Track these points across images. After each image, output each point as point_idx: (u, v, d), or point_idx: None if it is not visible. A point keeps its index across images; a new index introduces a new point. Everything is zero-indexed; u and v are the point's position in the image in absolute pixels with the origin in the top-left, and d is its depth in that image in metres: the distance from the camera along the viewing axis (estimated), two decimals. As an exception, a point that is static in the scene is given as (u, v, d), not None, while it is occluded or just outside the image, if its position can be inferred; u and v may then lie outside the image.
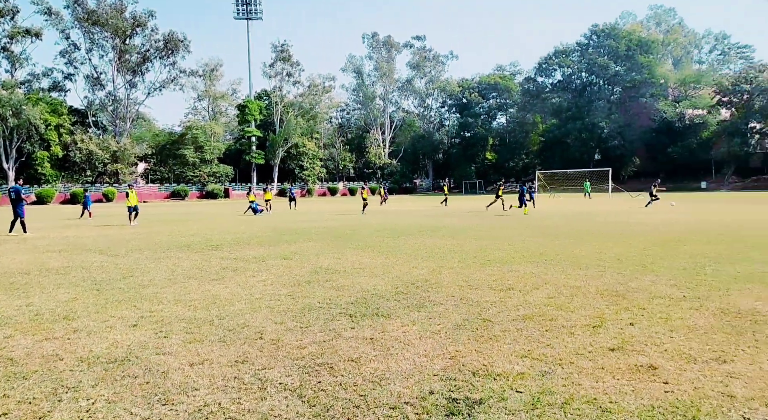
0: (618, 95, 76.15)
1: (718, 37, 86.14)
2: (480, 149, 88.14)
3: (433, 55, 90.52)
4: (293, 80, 75.86)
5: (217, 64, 78.05)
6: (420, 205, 38.78)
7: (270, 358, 4.33)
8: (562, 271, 8.36)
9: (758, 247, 10.73)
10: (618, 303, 6.15)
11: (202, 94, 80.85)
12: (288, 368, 4.09)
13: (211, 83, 77.85)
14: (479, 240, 13.07)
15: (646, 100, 71.71)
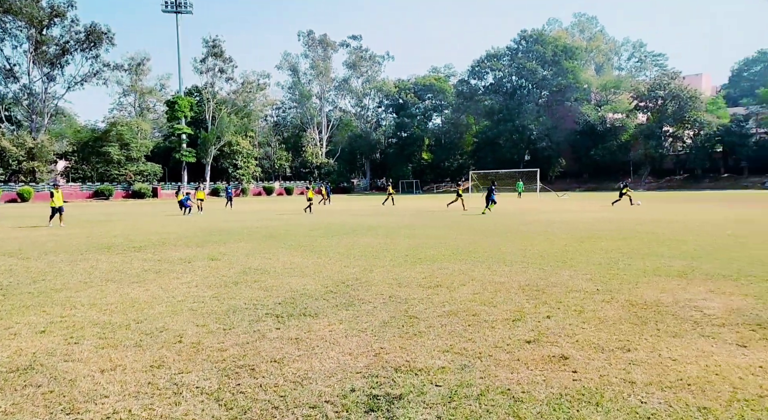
0: (546, 99, 79.51)
1: (636, 45, 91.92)
2: (416, 149, 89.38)
3: (370, 55, 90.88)
4: (226, 76, 73.80)
5: (143, 58, 74.64)
6: (364, 204, 38.84)
7: (188, 361, 4.20)
8: (488, 268, 8.63)
9: (667, 242, 11.54)
10: (537, 297, 6.42)
11: (127, 89, 77.03)
12: (207, 371, 3.97)
13: (138, 78, 74.33)
14: (412, 239, 13.25)
15: (571, 104, 75.33)
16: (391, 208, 31.34)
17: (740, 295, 6.28)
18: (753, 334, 4.74)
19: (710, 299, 6.10)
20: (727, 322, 5.12)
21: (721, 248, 10.41)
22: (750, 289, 6.64)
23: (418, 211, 27.22)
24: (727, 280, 7.19)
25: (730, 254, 9.59)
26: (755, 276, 7.46)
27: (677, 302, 6.00)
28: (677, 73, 69.06)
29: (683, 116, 64.06)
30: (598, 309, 5.77)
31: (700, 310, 5.60)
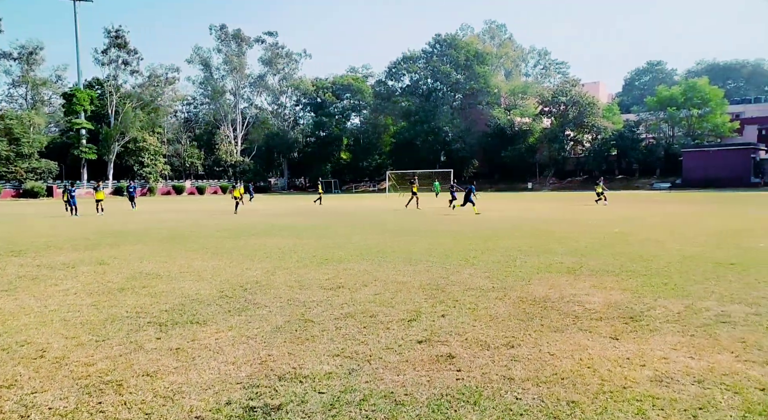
0: (459, 102, 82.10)
1: (541, 53, 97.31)
2: (335, 149, 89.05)
3: (286, 52, 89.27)
4: (131, 69, 69.52)
5: (36, 46, 68.39)
6: (281, 204, 37.92)
7: (46, 379, 3.79)
8: (393, 268, 8.65)
9: (562, 240, 12.20)
10: (436, 296, 6.50)
11: (18, 79, 70.32)
12: (66, 390, 3.60)
13: (30, 68, 68.02)
14: (322, 239, 13.08)
15: (482, 108, 78.33)
16: (311, 207, 30.91)
17: (619, 290, 6.72)
18: (625, 326, 5.06)
19: (592, 294, 6.47)
20: (604, 316, 5.43)
21: (608, 245, 11.17)
22: (628, 283, 7.13)
23: (337, 211, 27.02)
24: (609, 276, 7.68)
25: (615, 250, 10.30)
26: (634, 271, 8.04)
27: (563, 297, 6.30)
28: (577, 80, 73.88)
29: (583, 121, 68.62)
30: (491, 306, 5.93)
31: (582, 305, 5.92)
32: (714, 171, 57.86)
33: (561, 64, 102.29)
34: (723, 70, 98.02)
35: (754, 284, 6.96)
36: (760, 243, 11.11)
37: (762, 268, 8.16)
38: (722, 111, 65.38)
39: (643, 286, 6.95)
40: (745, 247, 10.50)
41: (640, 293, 6.51)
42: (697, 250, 10.28)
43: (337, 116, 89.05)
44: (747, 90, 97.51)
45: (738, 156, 58.90)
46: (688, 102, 64.72)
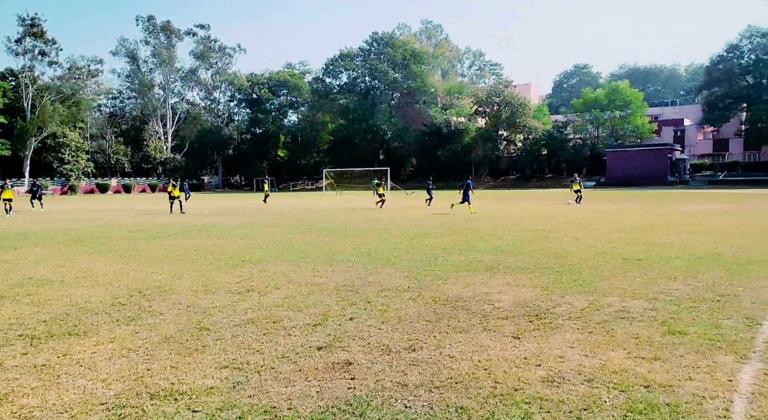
0: (397, 100, 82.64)
1: (476, 54, 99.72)
2: (272, 146, 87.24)
3: (219, 46, 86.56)
4: (49, 60, 65.06)
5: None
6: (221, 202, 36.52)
7: None
8: (312, 269, 8.38)
9: (485, 238, 12.34)
10: (348, 298, 6.29)
11: None
12: None
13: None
14: (244, 239, 12.59)
15: (419, 107, 79.20)
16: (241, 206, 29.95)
17: (530, 287, 6.77)
18: (529, 324, 5.04)
19: (504, 292, 6.48)
20: (511, 315, 5.41)
21: (528, 242, 11.39)
22: (540, 280, 7.22)
23: (268, 210, 26.30)
24: (524, 273, 7.76)
25: (534, 247, 10.50)
26: (548, 268, 8.18)
27: (475, 296, 6.26)
28: (509, 81, 76.17)
29: (515, 121, 70.85)
30: (402, 307, 5.78)
31: (492, 304, 5.89)
32: (634, 170, 61.26)
33: (495, 66, 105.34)
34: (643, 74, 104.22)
35: (656, 279, 7.22)
36: (666, 239, 11.68)
37: (665, 263, 8.52)
38: (642, 113, 69.38)
39: (554, 283, 7.05)
40: (652, 243, 10.99)
41: (550, 290, 6.58)
42: (609, 246, 10.65)
43: (273, 113, 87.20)
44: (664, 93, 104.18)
45: (656, 156, 62.66)
46: (611, 104, 68.20)
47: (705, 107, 67.68)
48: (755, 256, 9.11)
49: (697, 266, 8.23)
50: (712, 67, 65.44)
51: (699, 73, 76.38)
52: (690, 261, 8.72)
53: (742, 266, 8.19)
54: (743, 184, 55.89)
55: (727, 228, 13.82)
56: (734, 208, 21.88)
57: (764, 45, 61.17)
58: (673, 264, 8.48)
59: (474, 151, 75.34)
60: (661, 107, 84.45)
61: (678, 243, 10.98)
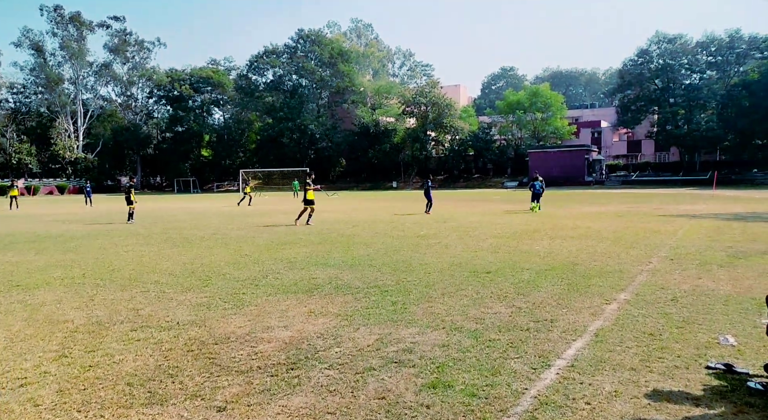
0: (326, 99, 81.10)
1: (406, 54, 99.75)
2: (195, 145, 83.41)
3: (136, 40, 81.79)
4: (-66, 48, 58.76)
5: None
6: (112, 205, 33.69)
7: None
8: (88, 295, 7.02)
9: (351, 247, 11.31)
10: (71, 344, 5.03)
11: None
12: None
13: None
14: (66, 254, 10.87)
15: (348, 106, 78.05)
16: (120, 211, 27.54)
17: (333, 316, 5.75)
18: (265, 382, 3.97)
19: (292, 326, 5.41)
20: (260, 365, 4.34)
21: (393, 251, 10.47)
22: (354, 305, 6.22)
23: (146, 215, 24.26)
24: (345, 294, 6.75)
25: (392, 258, 9.57)
26: (380, 286, 7.21)
27: (248, 334, 5.15)
28: (436, 82, 76.42)
29: (442, 122, 71.07)
30: (127, 359, 4.61)
31: (256, 346, 4.79)
32: (554, 170, 62.84)
33: (426, 67, 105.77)
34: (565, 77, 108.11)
35: (485, 299, 6.43)
36: (536, 246, 11.12)
37: (510, 276, 7.80)
38: (562, 115, 71.45)
39: (367, 308, 6.08)
40: (519, 251, 10.37)
41: (351, 319, 5.60)
42: (472, 255, 9.91)
43: (196, 111, 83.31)
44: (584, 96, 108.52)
45: (574, 156, 64.66)
46: (533, 106, 69.76)
47: (619, 110, 70.59)
48: (608, 266, 8.60)
49: (540, 280, 7.55)
50: (625, 70, 68.24)
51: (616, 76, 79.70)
52: (538, 273, 8.06)
53: (587, 279, 7.59)
54: (653, 184, 58.63)
55: (606, 232, 13.55)
56: (629, 209, 22.16)
57: (671, 50, 64.40)
58: (519, 277, 7.77)
59: (403, 152, 75.09)
60: (580, 109, 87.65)
61: (544, 250, 10.41)
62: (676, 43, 65.14)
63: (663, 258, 9.45)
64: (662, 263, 8.93)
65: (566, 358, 4.42)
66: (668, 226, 14.77)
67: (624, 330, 5.19)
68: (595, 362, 4.29)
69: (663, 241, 11.74)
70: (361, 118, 75.51)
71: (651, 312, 5.85)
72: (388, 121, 77.84)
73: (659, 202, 27.04)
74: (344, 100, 79.11)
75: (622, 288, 7.08)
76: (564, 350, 4.61)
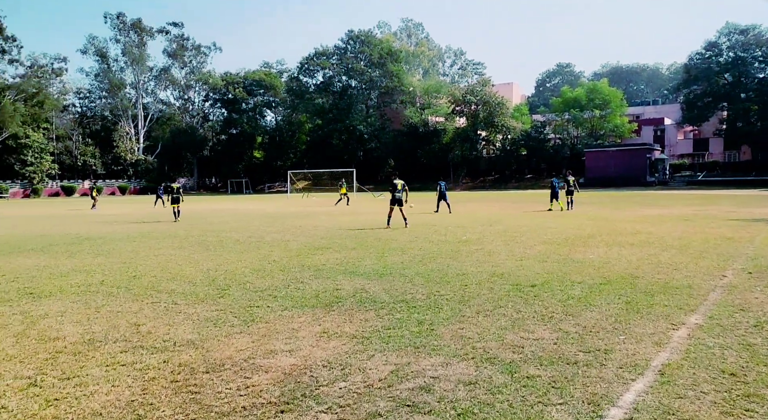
0: (375, 100, 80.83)
1: (457, 52, 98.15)
2: (248, 147, 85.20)
3: (193, 45, 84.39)
4: (9, 58, 62.72)
5: None
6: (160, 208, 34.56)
7: None
8: (95, 308, 6.61)
9: (386, 253, 10.60)
10: (50, 367, 4.55)
11: None
12: None
13: None
14: (96, 257, 10.68)
15: (397, 106, 77.46)
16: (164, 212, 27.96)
17: (348, 337, 5.04)
18: (248, 422, 3.31)
19: (298, 349, 4.74)
20: (248, 404, 3.68)
21: (430, 258, 9.67)
22: (375, 323, 5.49)
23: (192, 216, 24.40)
24: (367, 311, 6.02)
25: (428, 267, 8.78)
26: (409, 301, 6.45)
27: (247, 360, 4.51)
28: (488, 80, 74.58)
29: (493, 121, 69.27)
30: (100, 392, 4.06)
31: (251, 376, 4.14)
32: (614, 170, 59.96)
33: (478, 65, 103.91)
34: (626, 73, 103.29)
35: (525, 320, 5.55)
36: (591, 254, 10.02)
37: (559, 291, 6.85)
38: (622, 112, 68.09)
39: (388, 328, 5.34)
40: (570, 260, 9.32)
41: (368, 343, 4.87)
42: (517, 265, 8.98)
43: (249, 113, 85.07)
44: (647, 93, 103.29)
45: (635, 156, 61.39)
46: (590, 103, 66.83)
47: (684, 106, 66.51)
48: (675, 280, 7.47)
49: (593, 297, 6.56)
50: (691, 65, 64.25)
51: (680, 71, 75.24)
52: (591, 288, 7.06)
53: (650, 297, 6.53)
54: (722, 184, 54.74)
55: (670, 238, 12.20)
56: (696, 212, 20.35)
57: (742, 42, 60.05)
58: (568, 293, 6.81)
59: (452, 152, 73.79)
60: (642, 106, 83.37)
61: (599, 260, 9.32)
62: (748, 34, 60.67)
63: (739, 270, 8.21)
64: (739, 277, 7.71)
65: (623, 406, 3.52)
66: (743, 232, 13.22)
67: (697, 367, 4.21)
68: (660, 414, 3.38)
69: (738, 249, 10.37)
70: (409, 118, 74.78)
71: (730, 342, 4.82)
72: (438, 120, 76.73)
73: (730, 205, 24.85)
74: (393, 100, 78.63)
75: (692, 308, 6.01)
76: (620, 394, 3.71)
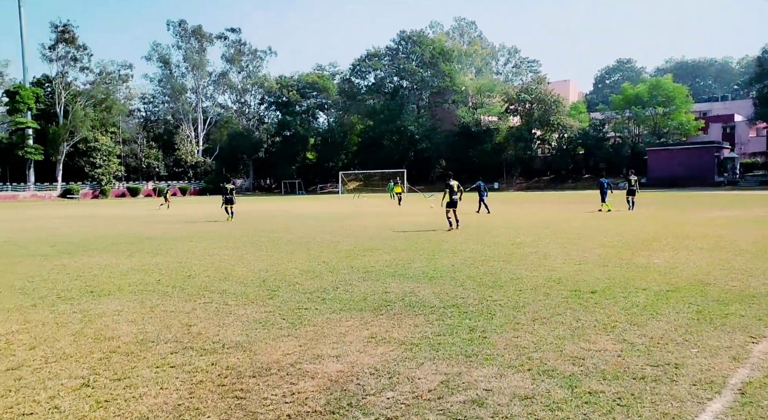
0: (426, 100, 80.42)
1: (511, 50, 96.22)
2: (301, 148, 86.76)
3: (250, 50, 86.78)
4: (80, 66, 66.55)
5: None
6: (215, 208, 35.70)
7: None
8: (150, 307, 6.75)
9: (436, 254, 10.38)
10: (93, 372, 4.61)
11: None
12: None
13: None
14: (155, 256, 11.02)
15: (449, 106, 76.71)
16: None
17: (396, 344, 4.88)
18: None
19: (346, 355, 4.62)
20: (295, 413, 3.58)
21: (482, 261, 9.37)
22: (425, 329, 5.31)
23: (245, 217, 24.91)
24: (416, 315, 5.84)
25: (479, 270, 8.50)
26: (461, 305, 6.22)
27: (292, 365, 4.43)
28: (543, 78, 72.69)
29: (548, 120, 67.39)
30: (144, 394, 4.06)
31: (297, 383, 4.05)
32: (679, 170, 56.99)
33: (533, 63, 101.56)
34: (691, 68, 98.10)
35: (585, 329, 5.21)
36: (656, 258, 9.42)
37: (623, 298, 6.42)
38: (687, 109, 64.63)
39: (439, 334, 5.14)
40: (633, 265, 8.79)
41: (418, 350, 4.69)
42: (576, 269, 8.55)
43: (302, 115, 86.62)
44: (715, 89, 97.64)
45: (702, 155, 58.13)
46: (653, 100, 63.83)
47: (757, 102, 62.28)
48: (751, 288, 6.87)
49: (660, 305, 6.10)
50: (765, 58, 60.13)
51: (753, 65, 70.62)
52: (658, 296, 6.58)
53: (724, 306, 6.01)
54: (800, 184, 50.93)
55: (744, 242, 11.33)
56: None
57: (825, 31, 55.69)
58: (632, 300, 6.37)
59: (505, 152, 72.33)
60: (709, 103, 78.89)
61: (665, 265, 8.74)
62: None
63: (828, 279, 7.46)
64: (827, 287, 7.00)
65: (699, 430, 3.19)
66: (829, 237, 12.11)
67: (784, 386, 3.79)
68: (744, 441, 3.03)
69: (824, 256, 9.47)
70: (461, 118, 73.90)
71: (822, 359, 4.32)
72: (490, 120, 75.46)
73: (811, 207, 22.99)
74: (445, 100, 78.01)
75: (775, 321, 5.47)
76: (695, 415, 3.37)
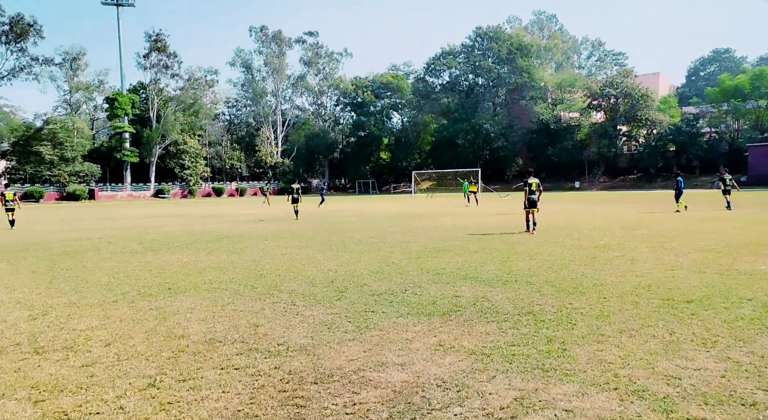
0: (502, 97, 78.35)
1: (595, 43, 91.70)
2: (375, 148, 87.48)
3: (326, 52, 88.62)
4: (171, 72, 70.95)
5: (79, 52, 70.65)
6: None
7: None
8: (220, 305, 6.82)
9: (511, 257, 9.88)
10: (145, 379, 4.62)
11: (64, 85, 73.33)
12: None
13: (74, 74, 70.55)
14: (230, 255, 11.30)
15: (526, 103, 74.21)
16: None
17: (466, 353, 4.56)
18: None
19: (411, 364, 4.37)
20: (351, 416, 3.37)
21: (561, 265, 8.77)
22: (497, 338, 4.94)
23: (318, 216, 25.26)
24: (490, 322, 5.48)
25: (558, 274, 7.94)
26: (537, 313, 5.78)
27: (355, 372, 4.24)
28: (629, 71, 68.57)
29: (635, 115, 63.48)
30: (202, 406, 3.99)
31: (359, 392, 3.85)
32: (785, 167, 51.80)
33: (618, 55, 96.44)
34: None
35: (681, 343, 4.64)
36: (761, 265, 8.39)
37: (724, 309, 5.70)
38: (796, 100, 58.65)
39: (512, 344, 4.77)
40: (735, 272, 7.87)
41: (489, 360, 4.36)
42: (669, 275, 7.78)
43: (376, 115, 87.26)
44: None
45: (812, 150, 52.51)
46: (755, 92, 58.40)
47: None
48: None
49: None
50: None
51: None
52: (767, 307, 5.79)
53: None
54: None
55: None
56: None
57: None
58: (735, 312, 5.64)
59: (587, 149, 68.97)
60: (823, 93, 70.85)
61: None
62: None
63: None
64: None
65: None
66: None
67: None
68: None
69: None
70: (540, 115, 71.35)
71: None
72: (571, 116, 72.30)
73: None
74: (522, 96, 75.63)
75: None
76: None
